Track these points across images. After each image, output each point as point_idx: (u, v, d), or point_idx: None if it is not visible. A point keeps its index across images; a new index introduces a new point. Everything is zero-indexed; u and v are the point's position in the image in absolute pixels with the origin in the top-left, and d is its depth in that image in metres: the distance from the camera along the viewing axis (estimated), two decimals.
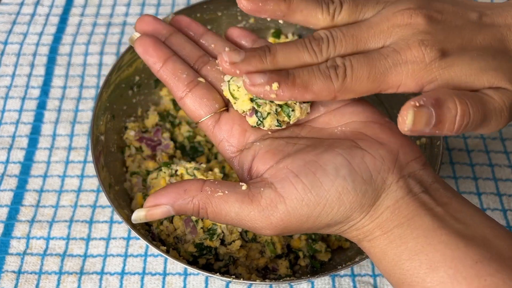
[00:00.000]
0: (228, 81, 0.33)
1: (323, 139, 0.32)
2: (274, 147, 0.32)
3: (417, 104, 0.28)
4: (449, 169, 0.53)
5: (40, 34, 0.64)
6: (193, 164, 0.45)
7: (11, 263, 0.47)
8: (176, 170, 0.45)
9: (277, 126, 0.33)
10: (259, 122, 0.33)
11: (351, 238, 0.31)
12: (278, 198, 0.29)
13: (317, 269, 0.45)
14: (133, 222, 0.31)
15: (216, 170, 0.45)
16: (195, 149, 0.51)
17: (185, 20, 0.38)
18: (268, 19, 0.33)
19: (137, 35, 0.36)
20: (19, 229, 0.49)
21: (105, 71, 0.60)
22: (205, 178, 0.43)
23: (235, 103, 0.33)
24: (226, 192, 0.30)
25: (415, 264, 0.28)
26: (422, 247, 0.28)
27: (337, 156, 0.30)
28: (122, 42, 0.63)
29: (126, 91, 0.50)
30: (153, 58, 0.34)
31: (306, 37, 0.31)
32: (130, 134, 0.49)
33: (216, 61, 0.29)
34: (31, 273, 0.46)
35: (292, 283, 0.39)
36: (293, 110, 0.33)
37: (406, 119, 0.28)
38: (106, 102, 0.47)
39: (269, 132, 0.34)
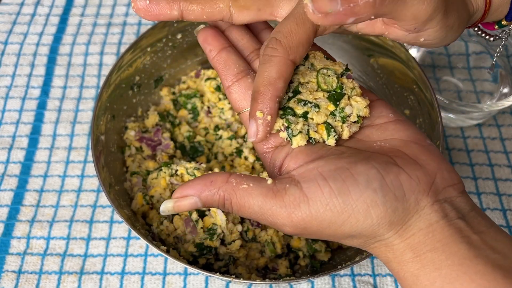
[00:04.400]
0: None
1: (360, 150, 0.32)
2: (309, 148, 0.32)
3: None
4: None
5: (40, 34, 0.64)
6: (193, 164, 0.45)
7: (11, 263, 0.47)
8: (176, 170, 0.45)
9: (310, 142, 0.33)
10: (288, 138, 0.32)
11: (379, 256, 0.31)
12: (302, 198, 0.29)
13: (317, 269, 0.45)
14: (161, 213, 0.32)
15: (216, 170, 0.46)
16: (195, 149, 0.51)
17: None
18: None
19: (201, 26, 0.37)
20: (19, 229, 0.49)
21: (105, 71, 0.60)
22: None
23: None
24: (251, 184, 0.30)
25: None
26: (457, 276, 0.27)
27: (371, 169, 0.29)
28: (122, 42, 0.63)
29: (126, 91, 0.50)
30: (210, 46, 0.35)
31: None
32: (130, 134, 0.49)
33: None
34: (31, 273, 0.46)
35: (292, 283, 0.39)
36: (334, 131, 0.32)
37: (306, 1, 0.26)
38: (106, 102, 0.47)
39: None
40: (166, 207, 0.31)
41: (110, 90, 0.47)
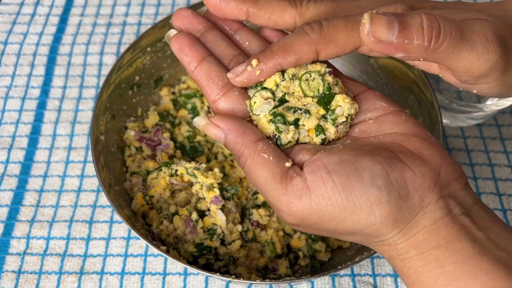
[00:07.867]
0: (253, 94, 0.33)
1: (362, 145, 0.31)
2: (311, 146, 0.32)
3: (375, 11, 0.29)
4: None
5: (40, 34, 0.64)
6: (193, 164, 0.45)
7: (11, 263, 0.47)
8: (176, 170, 0.45)
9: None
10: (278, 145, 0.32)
11: (382, 253, 0.30)
12: (304, 190, 0.28)
13: (317, 269, 0.45)
14: (193, 123, 0.33)
15: (216, 170, 0.45)
16: (195, 149, 0.51)
17: None
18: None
19: (173, 32, 0.35)
20: (19, 229, 0.49)
21: (105, 71, 0.60)
22: (206, 178, 0.44)
23: (253, 115, 0.33)
24: (271, 158, 0.30)
25: None
26: (460, 273, 0.27)
27: (377, 164, 0.28)
28: (122, 42, 0.63)
29: (126, 91, 0.50)
30: (188, 58, 0.34)
31: None
32: (130, 134, 0.49)
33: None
34: (31, 273, 0.46)
35: (292, 283, 0.39)
36: (323, 133, 0.32)
37: (364, 21, 0.28)
38: (106, 102, 0.47)
39: None
40: (199, 121, 0.32)
41: (110, 90, 0.47)
